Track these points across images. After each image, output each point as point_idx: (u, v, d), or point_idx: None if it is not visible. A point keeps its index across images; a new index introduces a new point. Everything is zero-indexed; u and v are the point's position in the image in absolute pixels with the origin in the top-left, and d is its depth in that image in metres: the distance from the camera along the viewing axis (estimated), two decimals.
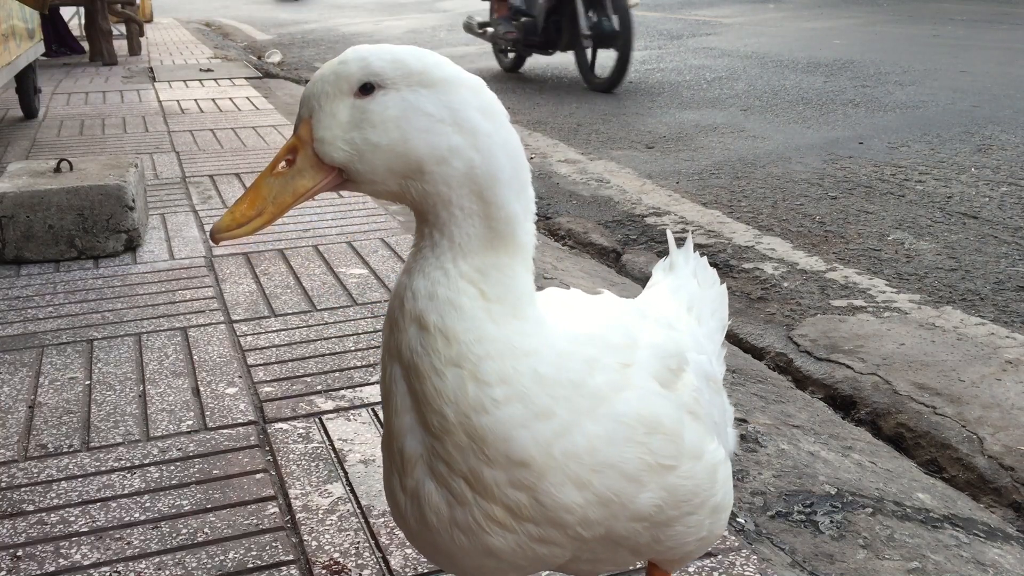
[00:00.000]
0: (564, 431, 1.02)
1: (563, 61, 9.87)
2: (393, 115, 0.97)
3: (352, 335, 2.82)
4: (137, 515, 1.92)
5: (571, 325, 1.12)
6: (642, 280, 3.92)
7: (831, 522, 1.99)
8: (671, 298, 1.53)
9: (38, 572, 1.74)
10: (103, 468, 2.11)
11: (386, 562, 1.76)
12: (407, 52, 1.00)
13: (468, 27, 9.83)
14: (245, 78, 8.62)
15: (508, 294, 1.03)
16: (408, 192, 1.01)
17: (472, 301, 1.01)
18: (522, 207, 1.04)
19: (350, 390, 2.47)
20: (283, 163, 1.01)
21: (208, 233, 0.95)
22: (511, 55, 9.65)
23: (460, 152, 0.99)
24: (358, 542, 1.82)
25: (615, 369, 1.08)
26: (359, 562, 1.76)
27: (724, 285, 1.67)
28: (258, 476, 2.07)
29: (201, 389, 2.49)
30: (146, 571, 1.74)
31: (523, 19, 8.71)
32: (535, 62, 10.07)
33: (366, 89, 0.98)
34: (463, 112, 0.99)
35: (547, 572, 1.35)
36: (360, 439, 2.22)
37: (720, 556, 1.78)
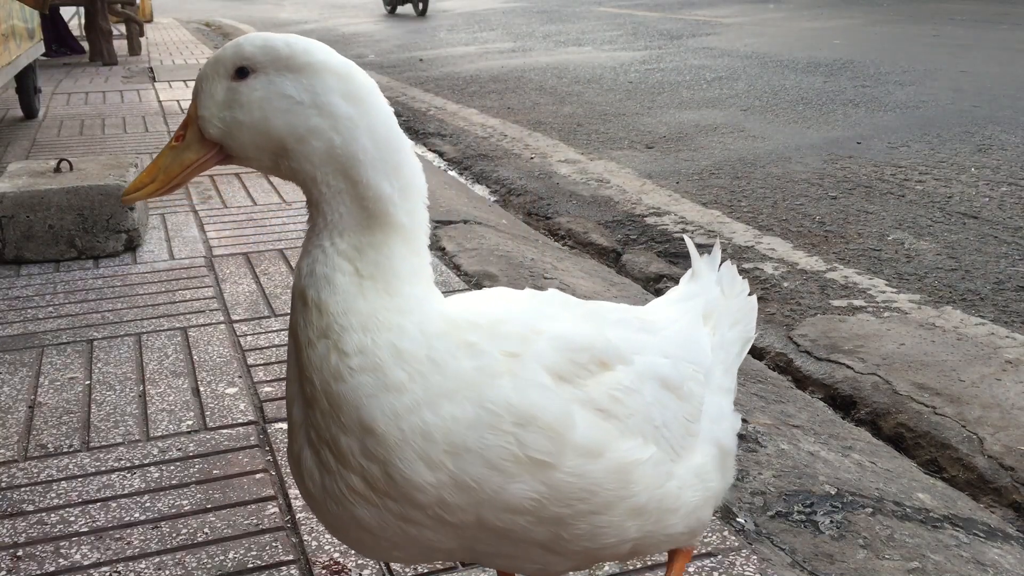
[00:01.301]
0: (415, 407, 1.04)
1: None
2: (257, 97, 1.05)
3: None
4: (137, 515, 1.92)
5: (465, 312, 1.13)
6: (642, 280, 3.92)
7: (831, 522, 1.99)
8: (675, 304, 1.51)
9: (38, 572, 1.74)
10: (103, 468, 2.11)
11: (386, 562, 1.76)
12: (279, 39, 1.07)
13: None
14: None
15: (381, 272, 1.08)
16: (282, 167, 1.09)
17: (345, 277, 1.07)
18: (396, 188, 1.08)
19: None
20: (177, 138, 1.11)
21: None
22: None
23: (319, 133, 1.05)
24: None
25: (494, 356, 1.09)
26: (359, 562, 1.76)
27: (754, 297, 1.63)
28: (258, 476, 2.07)
29: (201, 389, 2.49)
30: (146, 571, 1.74)
31: None
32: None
33: (241, 73, 1.06)
34: (324, 96, 1.05)
35: None
36: None
37: (720, 556, 1.78)
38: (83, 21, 11.51)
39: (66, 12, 12.07)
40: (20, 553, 1.80)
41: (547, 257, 3.77)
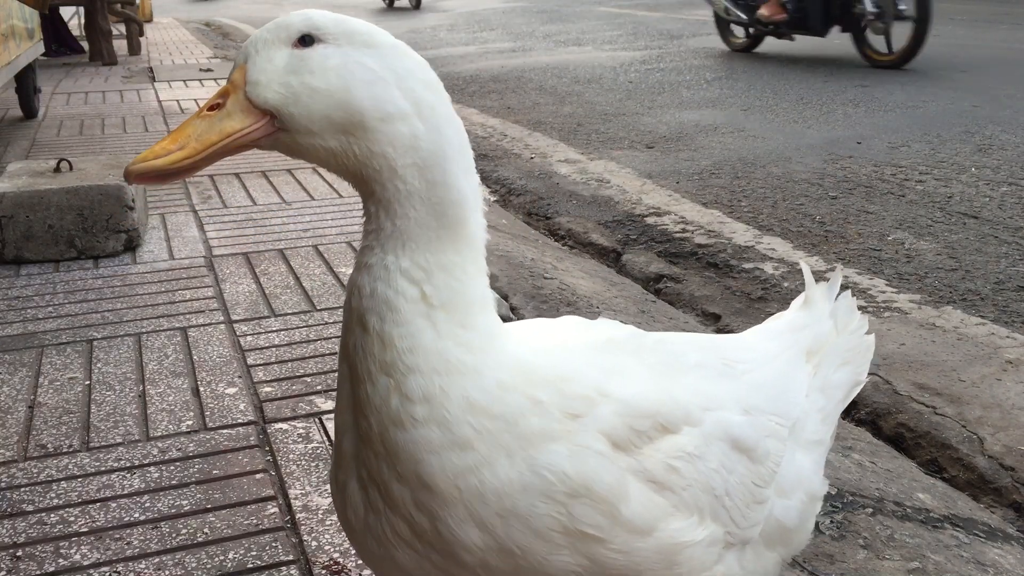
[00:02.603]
0: (476, 467, 0.96)
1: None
2: (334, 64, 0.94)
3: None
4: (137, 515, 1.92)
5: (533, 356, 1.04)
6: (642, 280, 3.91)
7: (831, 522, 1.99)
8: (777, 336, 1.37)
9: (38, 572, 1.74)
10: (103, 468, 2.10)
11: None
12: (351, 17, 0.99)
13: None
14: None
15: (456, 300, 0.97)
16: (350, 152, 0.95)
17: (410, 304, 0.96)
18: (471, 190, 0.99)
19: None
20: (210, 108, 0.97)
21: (123, 174, 0.88)
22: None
23: (405, 117, 0.95)
24: None
25: (556, 418, 1.00)
26: (359, 562, 1.76)
27: (872, 337, 1.48)
28: (258, 476, 2.07)
29: (201, 389, 2.49)
30: (146, 571, 1.74)
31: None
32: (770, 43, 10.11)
33: (306, 41, 0.95)
34: (408, 79, 0.96)
35: None
36: None
37: None
38: (83, 21, 11.50)
39: (66, 12, 12.07)
40: (20, 553, 1.80)
41: (547, 257, 3.77)
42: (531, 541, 0.98)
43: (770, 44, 10.18)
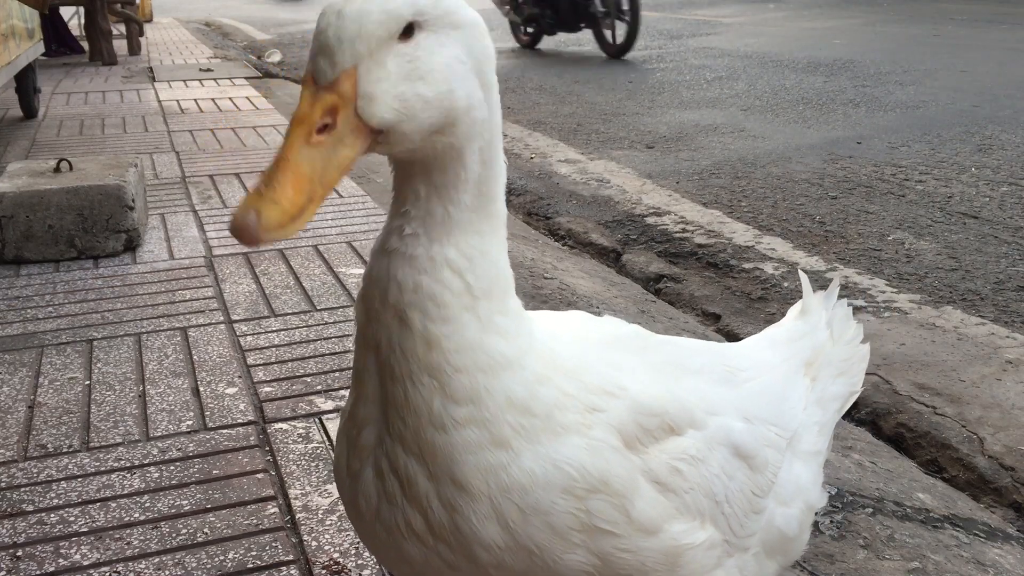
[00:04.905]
0: (508, 464, 0.94)
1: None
2: (439, 64, 0.83)
3: (352, 335, 2.82)
4: (137, 515, 1.92)
5: (554, 344, 1.03)
6: (642, 280, 3.91)
7: (831, 522, 1.99)
8: (776, 346, 1.36)
9: (38, 572, 1.74)
10: (103, 468, 2.10)
11: None
12: None
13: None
14: (245, 78, 8.62)
15: (494, 287, 0.94)
16: (429, 147, 0.87)
17: (456, 298, 0.91)
18: (503, 162, 0.97)
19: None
20: (319, 130, 0.81)
21: (249, 230, 0.75)
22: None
23: (480, 105, 0.89)
24: (358, 542, 1.82)
25: (579, 411, 0.98)
26: (359, 562, 1.76)
27: (867, 346, 1.48)
28: (258, 476, 2.07)
29: (201, 389, 2.49)
30: (146, 571, 1.74)
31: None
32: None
33: (407, 31, 0.83)
34: (484, 63, 0.89)
35: None
36: None
37: None
38: (83, 21, 11.50)
39: (66, 12, 12.06)
40: (20, 553, 1.80)
41: (547, 257, 3.77)
42: (549, 538, 0.96)
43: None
